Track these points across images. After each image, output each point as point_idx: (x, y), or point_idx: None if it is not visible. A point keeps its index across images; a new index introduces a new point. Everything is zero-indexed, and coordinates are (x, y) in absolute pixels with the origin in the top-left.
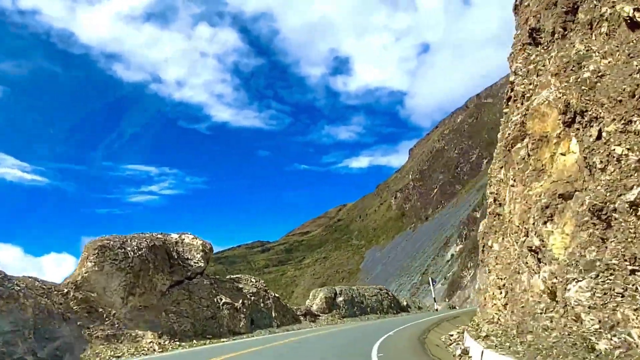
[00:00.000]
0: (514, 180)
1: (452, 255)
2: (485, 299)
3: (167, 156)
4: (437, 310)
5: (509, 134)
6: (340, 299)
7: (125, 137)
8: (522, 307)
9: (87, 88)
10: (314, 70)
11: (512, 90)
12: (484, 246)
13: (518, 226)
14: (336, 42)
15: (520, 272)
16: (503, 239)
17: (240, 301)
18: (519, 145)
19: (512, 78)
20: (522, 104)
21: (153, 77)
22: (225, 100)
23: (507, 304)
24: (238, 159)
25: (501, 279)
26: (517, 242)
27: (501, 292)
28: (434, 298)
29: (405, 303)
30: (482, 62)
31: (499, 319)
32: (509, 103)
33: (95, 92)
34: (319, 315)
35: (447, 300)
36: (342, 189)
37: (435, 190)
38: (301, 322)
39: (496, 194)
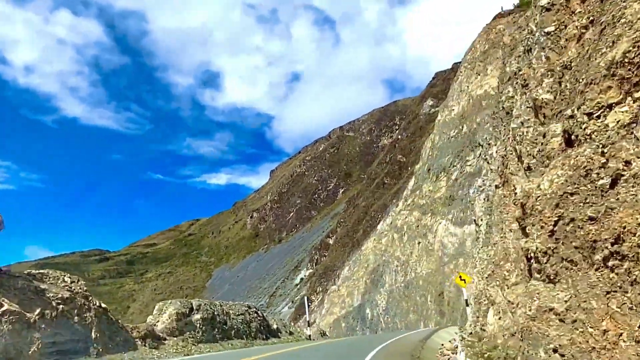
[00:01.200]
0: None
1: (302, 279)
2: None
3: None
4: (309, 336)
5: None
6: (197, 316)
7: None
8: None
9: None
10: (182, 79)
11: None
12: (497, 229)
13: None
14: (208, 55)
15: None
16: None
17: (38, 311)
18: None
19: None
20: None
21: None
22: (79, 95)
23: None
24: (86, 159)
25: None
26: None
27: None
28: (308, 322)
29: (275, 326)
30: (348, 97)
31: None
32: None
33: None
34: (165, 339)
35: (292, 323)
36: (197, 204)
37: (291, 214)
38: (137, 348)
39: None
